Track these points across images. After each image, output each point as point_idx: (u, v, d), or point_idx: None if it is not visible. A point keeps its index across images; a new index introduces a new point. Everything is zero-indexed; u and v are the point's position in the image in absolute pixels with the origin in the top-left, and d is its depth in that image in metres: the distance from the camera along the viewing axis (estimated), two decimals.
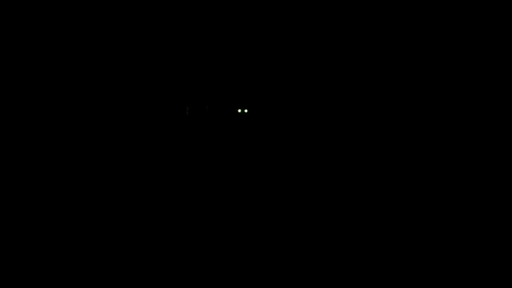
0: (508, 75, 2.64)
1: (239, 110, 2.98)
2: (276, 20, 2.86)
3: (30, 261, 2.72)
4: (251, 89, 2.96)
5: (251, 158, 2.89)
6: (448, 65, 2.71)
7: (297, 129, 2.86)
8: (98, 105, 2.89)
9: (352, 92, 2.81)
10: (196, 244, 2.80)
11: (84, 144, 2.86)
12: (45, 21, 2.85)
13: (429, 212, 2.69)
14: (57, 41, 2.87)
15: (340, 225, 2.75)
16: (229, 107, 3.01)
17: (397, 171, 2.74)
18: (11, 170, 2.79)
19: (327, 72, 2.84)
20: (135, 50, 2.93)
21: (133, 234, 2.80)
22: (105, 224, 2.80)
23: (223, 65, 2.96)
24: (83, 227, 2.79)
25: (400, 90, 2.76)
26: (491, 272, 2.58)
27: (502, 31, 2.64)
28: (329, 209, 2.77)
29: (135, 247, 2.79)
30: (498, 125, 2.65)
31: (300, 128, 2.86)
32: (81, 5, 2.87)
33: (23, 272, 2.69)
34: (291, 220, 2.79)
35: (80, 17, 2.88)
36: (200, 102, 3.01)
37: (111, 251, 2.77)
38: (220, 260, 2.76)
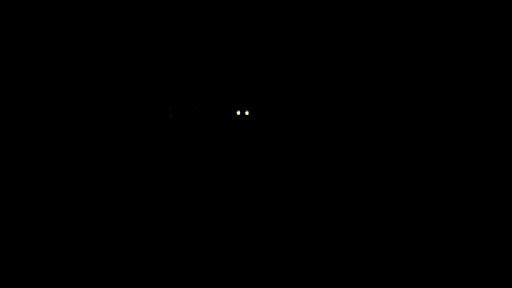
0: (508, 75, 2.68)
1: (238, 112, 2.89)
2: (275, 20, 2.87)
3: (27, 260, 2.68)
4: (248, 87, 2.93)
5: (248, 164, 2.87)
6: (448, 65, 2.75)
7: (296, 130, 2.87)
8: (70, 106, 2.73)
9: (351, 93, 2.83)
10: (194, 247, 2.78)
11: (58, 149, 2.74)
12: (25, 22, 2.77)
13: (429, 211, 2.70)
14: (40, 41, 2.77)
15: (340, 225, 2.75)
16: (224, 107, 2.82)
17: (397, 172, 2.75)
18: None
19: (326, 72, 2.86)
20: (115, 44, 2.74)
21: (121, 240, 2.77)
22: (89, 226, 2.76)
23: (213, 58, 2.89)
24: (68, 229, 2.75)
25: (397, 91, 2.79)
26: (491, 272, 2.59)
27: (502, 31, 2.69)
28: (329, 209, 2.77)
29: (123, 251, 2.76)
30: (498, 125, 2.68)
31: (299, 129, 2.86)
32: (64, 4, 2.74)
33: (21, 271, 2.65)
34: (291, 220, 2.78)
35: (61, 15, 2.75)
36: (187, 101, 2.70)
37: (101, 252, 2.73)
38: (220, 262, 2.74)
